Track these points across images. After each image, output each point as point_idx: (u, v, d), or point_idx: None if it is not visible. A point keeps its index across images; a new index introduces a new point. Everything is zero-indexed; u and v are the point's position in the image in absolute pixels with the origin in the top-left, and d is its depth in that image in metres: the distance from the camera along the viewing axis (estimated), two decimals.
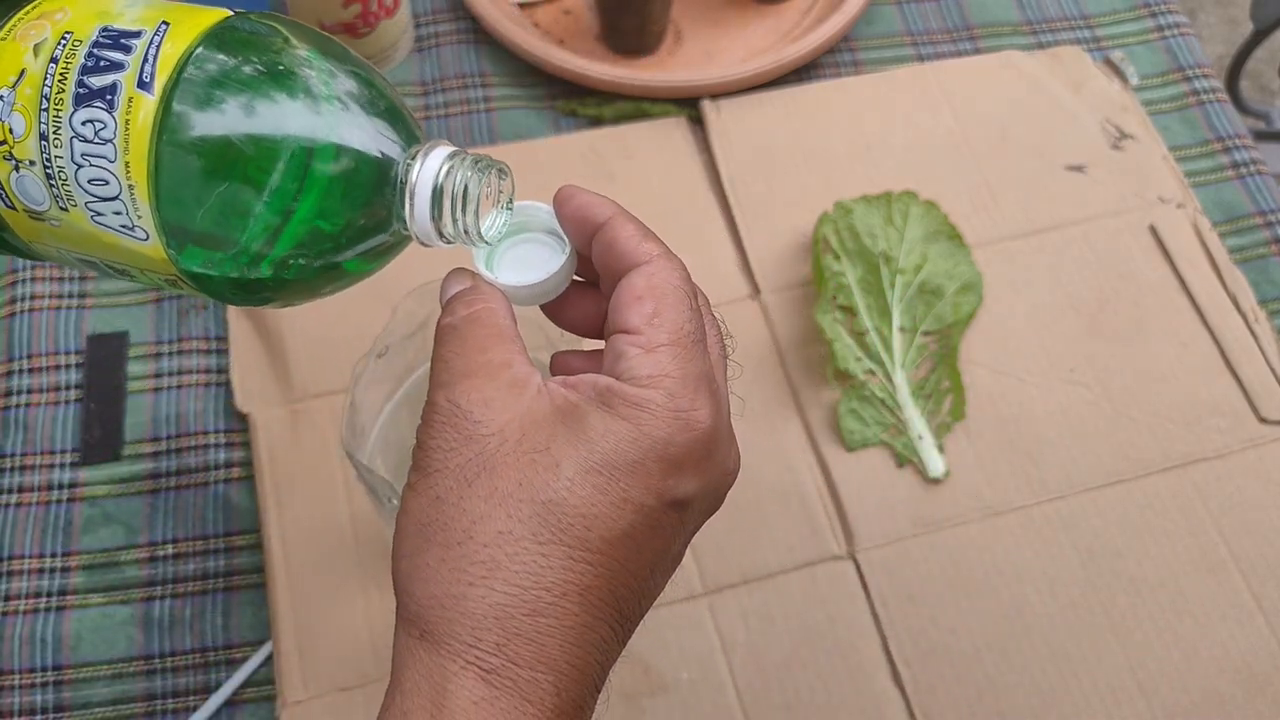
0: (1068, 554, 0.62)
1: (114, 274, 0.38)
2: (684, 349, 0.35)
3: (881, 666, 0.58)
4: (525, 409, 0.33)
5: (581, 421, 0.33)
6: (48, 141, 0.34)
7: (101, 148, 0.34)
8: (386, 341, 0.50)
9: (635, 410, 0.33)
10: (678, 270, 0.37)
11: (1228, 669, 0.59)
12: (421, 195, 0.35)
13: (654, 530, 0.33)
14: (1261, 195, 0.75)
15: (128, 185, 0.34)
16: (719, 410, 0.35)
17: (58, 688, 0.57)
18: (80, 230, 0.36)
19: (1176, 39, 0.82)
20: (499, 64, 0.78)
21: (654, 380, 0.34)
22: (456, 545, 0.32)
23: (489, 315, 0.36)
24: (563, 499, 0.32)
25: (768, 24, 0.81)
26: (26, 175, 0.35)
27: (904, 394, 0.65)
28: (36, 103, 0.34)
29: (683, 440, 0.33)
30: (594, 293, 0.39)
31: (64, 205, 0.35)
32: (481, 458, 0.33)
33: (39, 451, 0.63)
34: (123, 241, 0.35)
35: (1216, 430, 0.65)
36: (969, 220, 0.72)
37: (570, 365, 0.38)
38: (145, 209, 0.34)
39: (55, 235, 0.37)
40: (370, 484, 0.47)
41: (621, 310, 0.35)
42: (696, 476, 0.34)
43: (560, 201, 0.38)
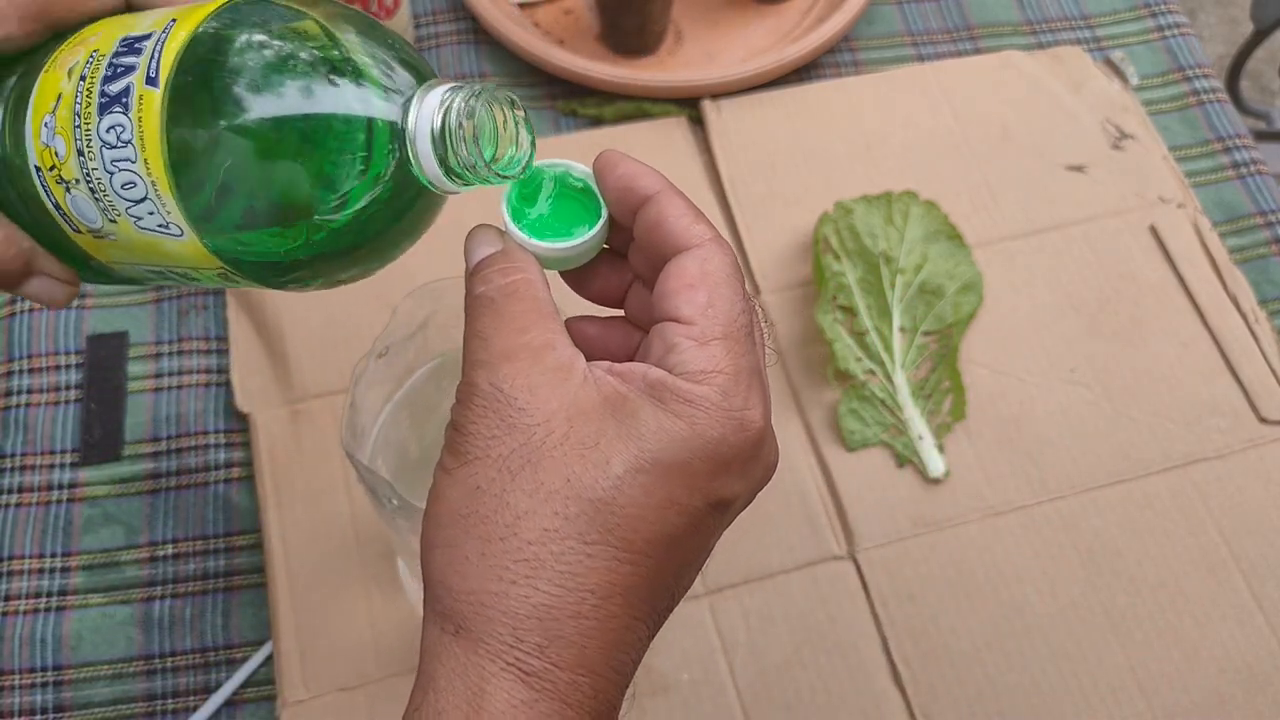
0: (1068, 554, 0.62)
1: (182, 280, 0.38)
2: (737, 342, 0.33)
3: (881, 666, 0.58)
4: (572, 397, 0.32)
5: (633, 416, 0.32)
6: (84, 156, 0.35)
7: (124, 150, 0.34)
8: (387, 342, 0.50)
9: (689, 407, 0.32)
10: (729, 256, 0.35)
11: (1228, 669, 0.59)
12: (422, 134, 0.34)
13: (696, 530, 0.33)
14: (1261, 195, 0.75)
15: (150, 183, 0.34)
16: (767, 409, 0.34)
17: (58, 688, 0.57)
18: (131, 240, 0.36)
19: (1177, 39, 0.82)
20: (499, 64, 0.78)
21: (708, 376, 0.33)
22: (498, 540, 0.31)
23: (527, 287, 0.34)
24: (611, 498, 0.31)
25: (768, 24, 0.81)
26: (77, 194, 0.36)
27: (904, 394, 0.65)
28: (71, 121, 0.35)
29: (735, 440, 0.32)
30: (621, 263, 0.38)
31: (111, 217, 0.36)
32: (527, 449, 0.32)
33: (39, 452, 0.63)
34: (165, 242, 0.35)
35: (1217, 430, 0.65)
36: (969, 220, 0.72)
37: (585, 331, 0.37)
38: (171, 203, 0.34)
39: (118, 250, 0.37)
40: (371, 484, 0.47)
41: (672, 297, 0.34)
42: (743, 477, 0.33)
43: (603, 167, 0.36)
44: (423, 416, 0.53)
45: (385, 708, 0.56)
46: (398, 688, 0.57)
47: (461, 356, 0.35)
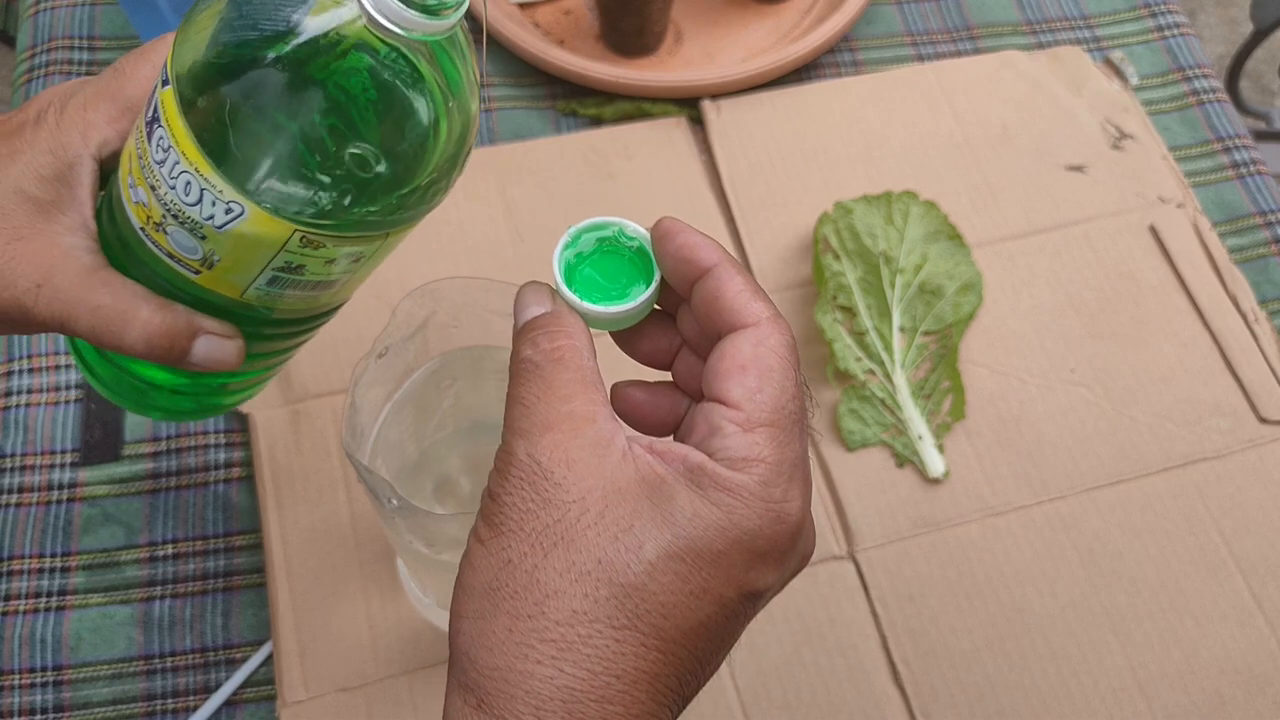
0: (1068, 554, 0.62)
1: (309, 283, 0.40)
2: (783, 430, 0.33)
3: (881, 666, 0.58)
4: (609, 475, 0.32)
5: (669, 501, 0.32)
6: (156, 189, 0.38)
7: (170, 154, 0.37)
8: (386, 342, 0.50)
9: (727, 496, 0.32)
10: (785, 338, 0.34)
11: (1228, 669, 0.59)
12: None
13: (727, 619, 0.32)
14: (1261, 195, 0.75)
15: (195, 172, 0.36)
16: (807, 499, 0.33)
17: (58, 688, 0.57)
18: (225, 249, 0.38)
19: (1176, 39, 0.82)
20: (499, 64, 0.78)
21: (749, 464, 0.32)
22: (527, 618, 0.31)
23: (573, 355, 0.34)
24: (643, 584, 0.31)
25: (768, 24, 0.81)
26: (172, 231, 0.38)
27: (904, 394, 0.65)
28: (139, 166, 0.39)
29: (771, 533, 0.32)
30: (670, 325, 0.37)
31: (200, 234, 0.38)
32: (560, 526, 0.31)
33: (39, 452, 0.63)
34: (243, 229, 0.37)
35: (1217, 430, 0.65)
36: (969, 220, 0.72)
37: (633, 397, 0.37)
38: (218, 181, 0.36)
39: (231, 269, 0.39)
40: (371, 485, 0.47)
41: (722, 378, 0.33)
42: (778, 568, 0.33)
43: (662, 235, 0.36)
44: (423, 416, 0.53)
45: (384, 708, 0.56)
46: (397, 688, 0.57)
47: (503, 420, 0.34)
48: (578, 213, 0.71)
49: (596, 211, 0.74)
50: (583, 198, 0.72)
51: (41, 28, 0.78)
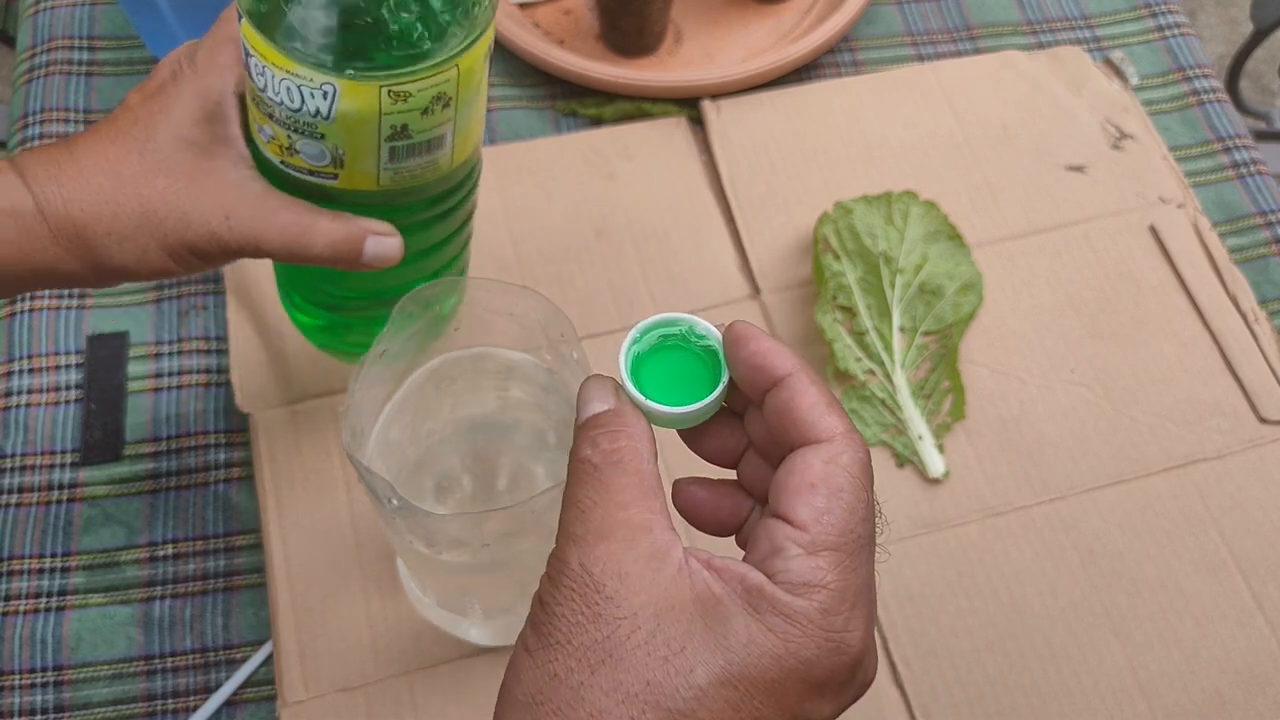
0: (1068, 554, 0.62)
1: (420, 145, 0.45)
2: (849, 555, 0.32)
3: (881, 666, 0.58)
4: (663, 591, 0.31)
5: (724, 623, 0.30)
6: (273, 115, 0.44)
7: (266, 74, 0.43)
8: (386, 342, 0.50)
9: (784, 622, 0.30)
10: (860, 457, 0.33)
11: (1228, 669, 0.59)
12: None
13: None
14: (1261, 195, 0.75)
15: (288, 73, 0.42)
16: (871, 627, 0.32)
17: (58, 688, 0.57)
18: (340, 135, 0.43)
19: (1177, 39, 0.82)
20: (499, 64, 0.78)
21: (810, 590, 0.31)
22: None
23: (633, 458, 0.33)
24: (692, 710, 0.30)
25: (768, 24, 0.81)
26: (301, 146, 0.44)
27: (904, 394, 0.65)
28: (254, 105, 0.45)
29: (830, 664, 0.31)
30: (737, 425, 0.37)
31: (318, 133, 0.43)
32: (610, 643, 0.30)
33: (39, 452, 0.63)
34: (344, 107, 0.42)
35: (1217, 430, 0.65)
36: (969, 220, 0.72)
37: (695, 496, 0.36)
38: (306, 71, 0.41)
39: (356, 159, 0.44)
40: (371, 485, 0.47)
41: (790, 495, 0.32)
42: (835, 699, 0.31)
43: (735, 340, 0.35)
44: (423, 416, 0.53)
45: (384, 708, 0.56)
46: (397, 688, 0.57)
47: (557, 524, 0.33)
48: (578, 212, 0.71)
49: (596, 211, 0.74)
50: (583, 198, 0.72)
51: (41, 28, 0.78)
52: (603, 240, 0.70)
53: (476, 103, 0.46)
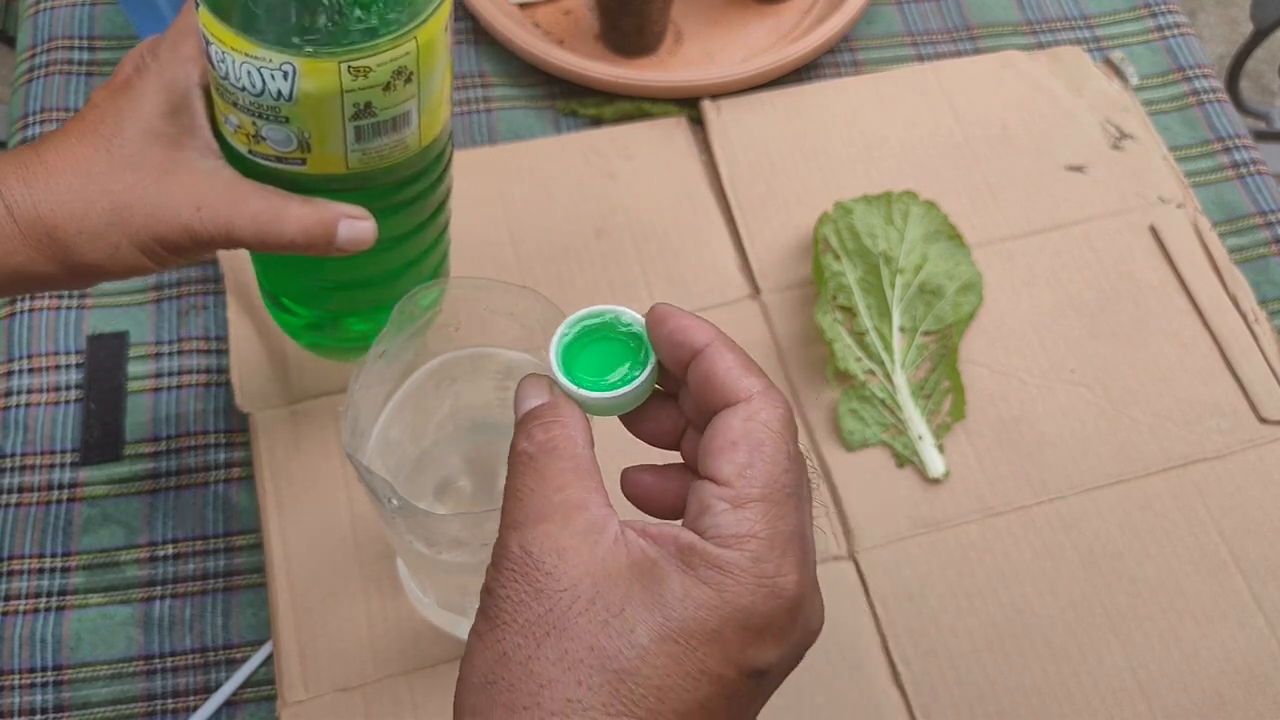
0: (1068, 554, 0.62)
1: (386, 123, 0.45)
2: (775, 504, 0.33)
3: (881, 666, 0.58)
4: (600, 561, 0.32)
5: (660, 583, 0.31)
6: (236, 102, 0.44)
7: (225, 59, 0.43)
8: (386, 342, 0.50)
9: (717, 574, 0.31)
10: (778, 411, 0.34)
11: (1228, 669, 0.59)
12: None
13: (730, 699, 0.32)
14: (1261, 195, 0.75)
15: (246, 55, 0.42)
16: (806, 571, 0.33)
17: (57, 688, 0.57)
18: (303, 116, 0.43)
19: (1176, 39, 0.82)
20: (499, 64, 0.78)
21: (739, 541, 0.32)
22: (523, 710, 0.31)
23: (567, 445, 0.34)
24: (636, 669, 0.31)
25: (768, 24, 0.81)
26: (266, 132, 0.44)
27: (904, 394, 0.65)
28: (218, 94, 0.45)
29: (766, 609, 0.32)
30: (674, 406, 0.37)
31: (281, 116, 0.43)
32: (552, 615, 0.31)
33: (39, 451, 0.63)
34: (304, 86, 0.42)
35: (1217, 430, 0.65)
36: (969, 220, 0.72)
37: (642, 481, 0.37)
38: (263, 52, 0.42)
39: (322, 142, 0.44)
40: (371, 485, 0.47)
41: (713, 456, 0.33)
42: (778, 644, 0.32)
43: (655, 321, 0.36)
44: (423, 416, 0.53)
45: (384, 708, 0.56)
46: (396, 688, 0.57)
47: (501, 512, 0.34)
48: (578, 212, 0.71)
49: (596, 211, 0.74)
50: (583, 198, 0.72)
51: (41, 28, 0.78)
52: (603, 240, 0.70)
53: (439, 78, 0.46)
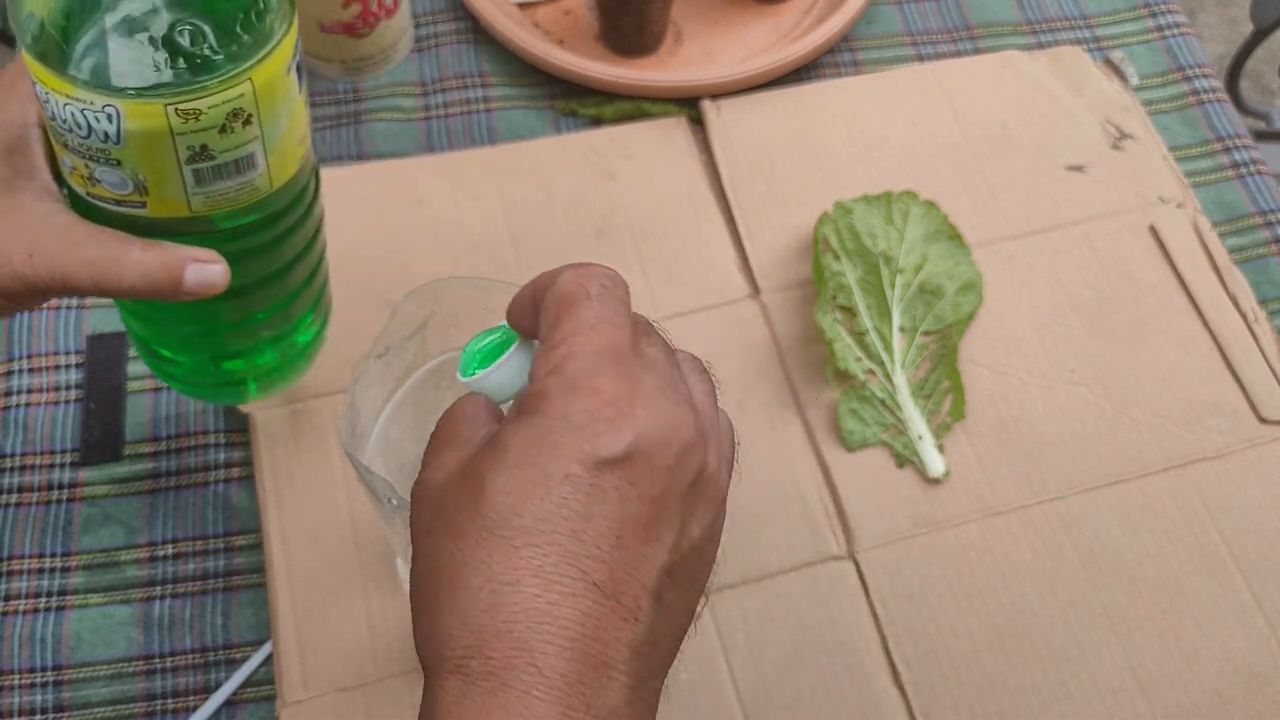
0: (1068, 554, 0.62)
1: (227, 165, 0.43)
2: (583, 335, 0.35)
3: (881, 666, 0.58)
4: (465, 455, 0.35)
5: (499, 439, 0.34)
6: (68, 144, 0.42)
7: (49, 101, 0.41)
8: (386, 342, 0.50)
9: (536, 401, 0.34)
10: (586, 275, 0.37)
11: (1228, 669, 0.59)
12: None
13: (593, 497, 0.33)
14: (1261, 195, 0.75)
15: (70, 98, 0.40)
16: (625, 373, 0.35)
17: (57, 687, 0.57)
18: (135, 158, 0.42)
19: (1176, 39, 0.82)
20: (499, 64, 0.78)
21: (550, 372, 0.35)
22: (434, 590, 0.34)
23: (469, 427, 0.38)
24: (492, 502, 0.33)
25: (768, 24, 0.81)
26: (100, 175, 0.43)
27: (904, 394, 0.65)
28: (53, 135, 0.43)
29: (582, 407, 0.34)
30: None
31: (113, 159, 0.42)
32: (435, 505, 0.35)
33: (39, 451, 0.63)
34: (131, 127, 0.40)
35: (1217, 430, 0.65)
36: (969, 220, 0.72)
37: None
38: (86, 94, 0.40)
39: (160, 184, 0.43)
40: (371, 485, 0.47)
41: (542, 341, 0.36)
42: (614, 433, 0.33)
43: (506, 314, 0.39)
44: (423, 417, 0.53)
45: (384, 708, 0.56)
46: (396, 688, 0.57)
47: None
48: (578, 212, 0.71)
49: (596, 211, 0.74)
50: (583, 198, 0.72)
51: None
52: (603, 240, 0.70)
53: (287, 119, 0.45)
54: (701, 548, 0.36)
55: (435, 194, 0.71)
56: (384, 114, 0.76)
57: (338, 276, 0.69)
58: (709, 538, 0.36)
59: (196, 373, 0.55)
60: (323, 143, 0.74)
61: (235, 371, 0.55)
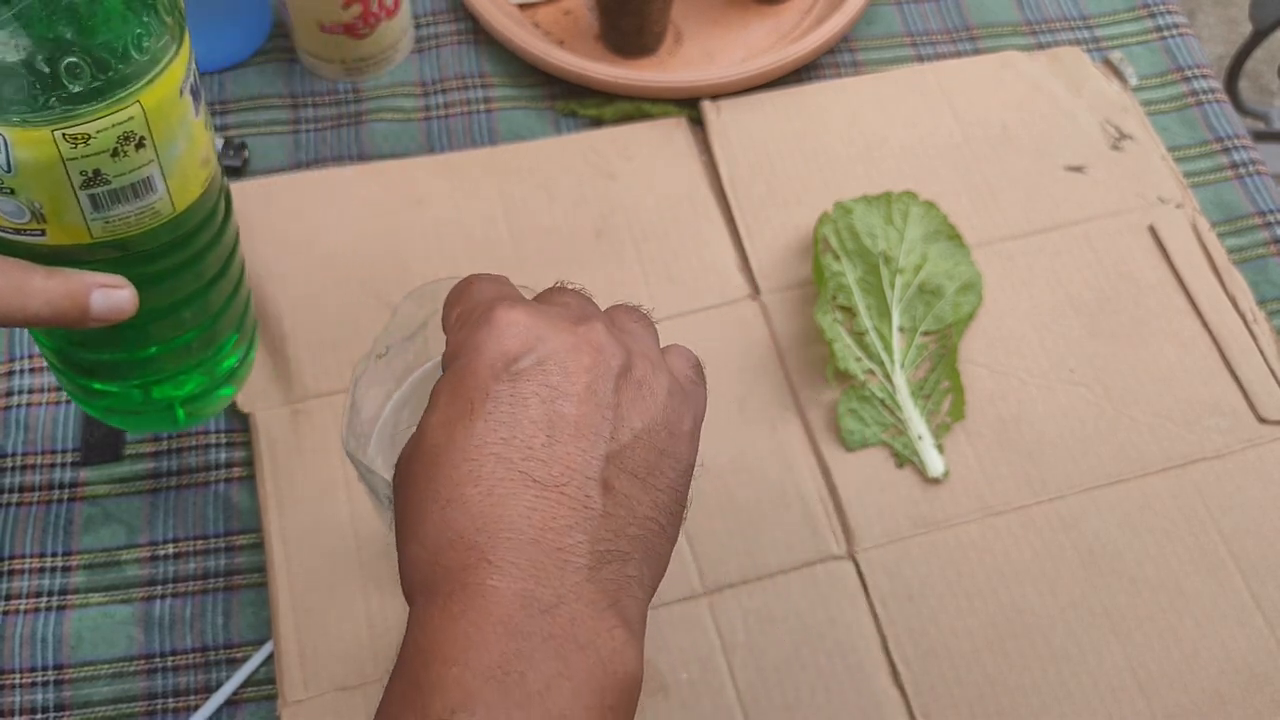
0: (1068, 554, 0.62)
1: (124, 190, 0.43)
2: (473, 293, 0.40)
3: (881, 666, 0.58)
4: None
5: (430, 394, 0.38)
6: None
7: None
8: (386, 342, 0.50)
9: (449, 355, 0.39)
10: (480, 279, 0.42)
11: (1227, 669, 0.59)
12: None
13: (516, 405, 0.36)
14: (1260, 196, 0.75)
15: None
16: (525, 305, 0.39)
17: (58, 687, 0.57)
18: (28, 185, 0.41)
19: (1176, 39, 0.82)
20: (499, 64, 0.78)
21: (454, 330, 0.39)
22: (400, 537, 0.38)
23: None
24: (430, 441, 0.37)
25: (768, 24, 0.81)
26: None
27: (904, 394, 0.65)
28: None
29: (488, 334, 0.37)
30: None
31: (6, 188, 0.41)
32: (400, 474, 0.39)
33: (40, 451, 0.63)
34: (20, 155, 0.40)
35: (1216, 430, 0.65)
36: (969, 220, 0.72)
37: None
38: None
39: (57, 212, 0.42)
40: (371, 485, 0.47)
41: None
42: (523, 345, 0.37)
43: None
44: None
45: None
46: None
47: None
48: (577, 213, 0.71)
49: (596, 211, 0.74)
50: (583, 198, 0.72)
51: None
52: (603, 240, 0.70)
53: (185, 142, 0.44)
54: (648, 439, 0.37)
55: (435, 194, 0.71)
56: (384, 114, 0.76)
57: (338, 276, 0.70)
58: (653, 428, 0.37)
59: (125, 401, 0.54)
60: (323, 143, 0.75)
61: (163, 399, 0.54)
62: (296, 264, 0.68)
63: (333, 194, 0.72)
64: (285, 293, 0.67)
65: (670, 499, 0.38)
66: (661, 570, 0.38)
